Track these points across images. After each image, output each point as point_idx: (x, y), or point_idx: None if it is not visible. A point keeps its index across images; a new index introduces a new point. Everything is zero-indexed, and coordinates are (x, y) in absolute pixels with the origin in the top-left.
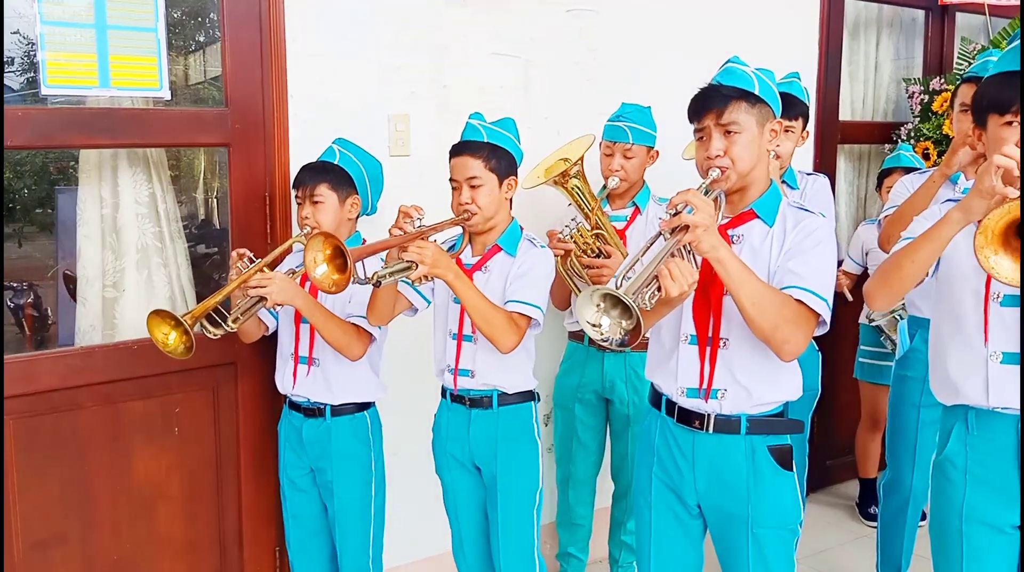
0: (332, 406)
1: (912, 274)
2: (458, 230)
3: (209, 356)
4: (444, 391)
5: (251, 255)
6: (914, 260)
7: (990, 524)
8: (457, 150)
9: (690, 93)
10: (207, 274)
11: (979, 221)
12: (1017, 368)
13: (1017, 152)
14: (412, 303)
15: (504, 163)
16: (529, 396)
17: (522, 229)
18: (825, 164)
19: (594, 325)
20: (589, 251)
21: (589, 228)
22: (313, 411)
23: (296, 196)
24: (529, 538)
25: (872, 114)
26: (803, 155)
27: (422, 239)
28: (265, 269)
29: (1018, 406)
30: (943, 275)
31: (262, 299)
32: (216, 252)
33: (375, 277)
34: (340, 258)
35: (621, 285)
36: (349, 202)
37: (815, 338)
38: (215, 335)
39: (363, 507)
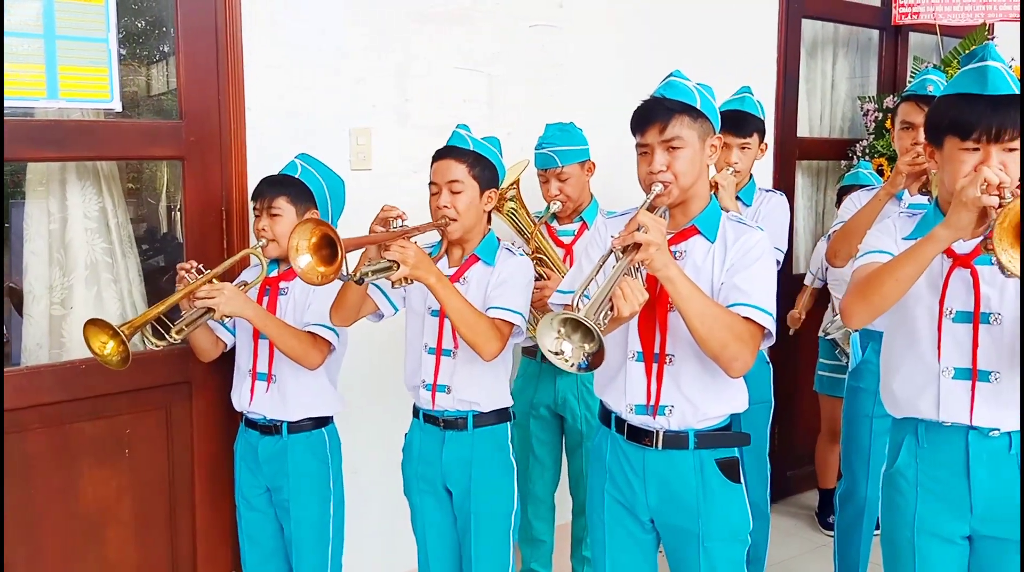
0: (289, 423)
1: (894, 292)
2: (435, 237)
3: (162, 375)
4: (416, 410)
5: (200, 266)
6: (897, 278)
7: (940, 535)
8: (441, 154)
9: None
10: (164, 289)
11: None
12: (968, 383)
13: (995, 173)
14: (379, 307)
15: (487, 174)
16: (505, 415)
17: (499, 239)
18: (784, 180)
19: (556, 353)
20: None
21: (529, 252)
22: (270, 428)
23: (254, 208)
24: (505, 561)
25: (829, 131)
26: (763, 171)
27: (404, 239)
28: (215, 281)
29: (967, 420)
30: None
31: (209, 310)
32: (173, 266)
33: (358, 273)
34: (327, 249)
35: (579, 308)
36: (307, 216)
37: (767, 351)
38: (157, 346)
39: (320, 527)
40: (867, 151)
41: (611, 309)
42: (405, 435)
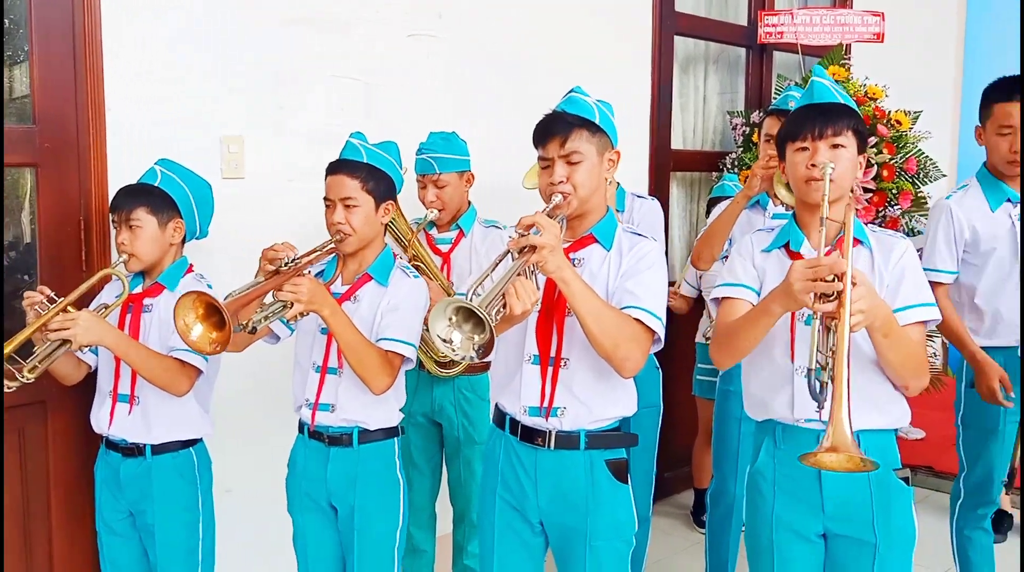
0: (153, 445)
1: (750, 346)
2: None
3: (14, 394)
4: (302, 426)
5: (51, 294)
6: (748, 338)
7: (797, 533)
8: (334, 168)
9: (529, 121)
10: (20, 308)
11: None
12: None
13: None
14: (274, 331)
15: (382, 186)
16: (392, 431)
17: (396, 257)
18: (659, 190)
19: (445, 340)
20: None
21: (408, 259)
22: (132, 450)
23: (113, 220)
24: None
25: (702, 144)
26: (639, 182)
27: (297, 275)
28: (70, 308)
29: (819, 419)
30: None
31: (65, 342)
32: (31, 281)
33: (250, 325)
34: (216, 315)
35: (472, 299)
36: (171, 226)
37: (655, 356)
38: (9, 388)
39: (188, 551)
40: (736, 163)
41: (503, 307)
42: (290, 451)
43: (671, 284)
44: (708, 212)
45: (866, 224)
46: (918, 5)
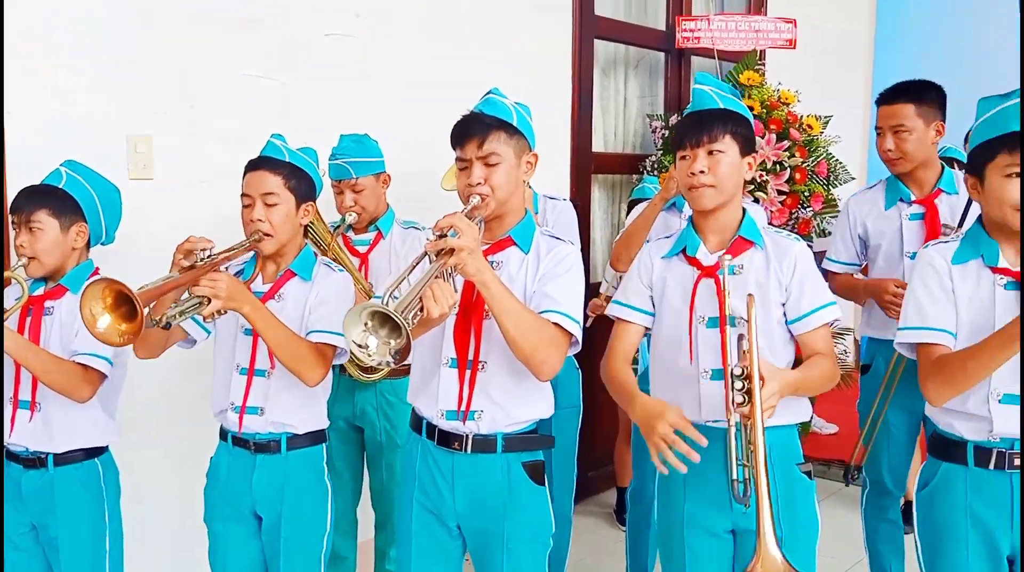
0: (55, 455)
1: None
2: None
3: None
4: (224, 433)
5: None
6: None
7: (707, 530)
8: (255, 164)
9: (448, 122)
10: None
11: None
12: (722, 383)
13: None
14: (189, 334)
15: (304, 186)
16: (320, 436)
17: (316, 254)
18: (581, 193)
19: (361, 345)
20: None
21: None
22: (34, 461)
23: (12, 222)
24: None
25: (623, 146)
26: (560, 184)
27: (215, 270)
28: None
29: (725, 419)
30: (657, 301)
31: None
32: None
33: (163, 319)
34: (126, 305)
35: (389, 303)
36: (74, 230)
37: (575, 357)
38: None
39: (95, 564)
40: (656, 166)
41: (421, 310)
42: (210, 459)
43: (597, 294)
44: (628, 213)
45: (777, 226)
46: (830, 12)
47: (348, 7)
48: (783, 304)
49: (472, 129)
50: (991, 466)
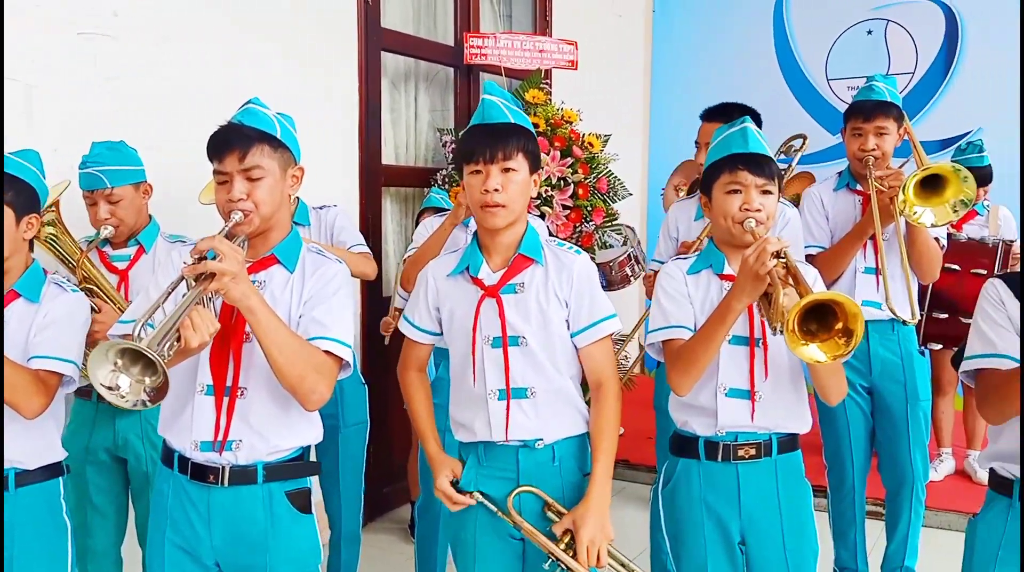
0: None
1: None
2: None
3: None
4: None
5: None
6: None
7: (496, 533)
8: None
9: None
10: None
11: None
12: (504, 403)
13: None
14: None
15: (23, 198)
16: (56, 470)
17: (46, 272)
18: (371, 206)
19: (111, 388)
20: None
21: (77, 282)
22: None
23: None
24: None
25: (415, 159)
26: (349, 197)
27: None
28: None
29: (504, 435)
30: (445, 321)
31: None
32: None
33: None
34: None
35: (141, 337)
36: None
37: (361, 372)
38: None
39: None
40: (447, 179)
41: (178, 340)
42: None
43: (399, 310)
44: (417, 222)
45: (564, 239)
46: (610, 35)
47: (105, 5)
48: (567, 319)
49: (232, 141)
50: (719, 459)
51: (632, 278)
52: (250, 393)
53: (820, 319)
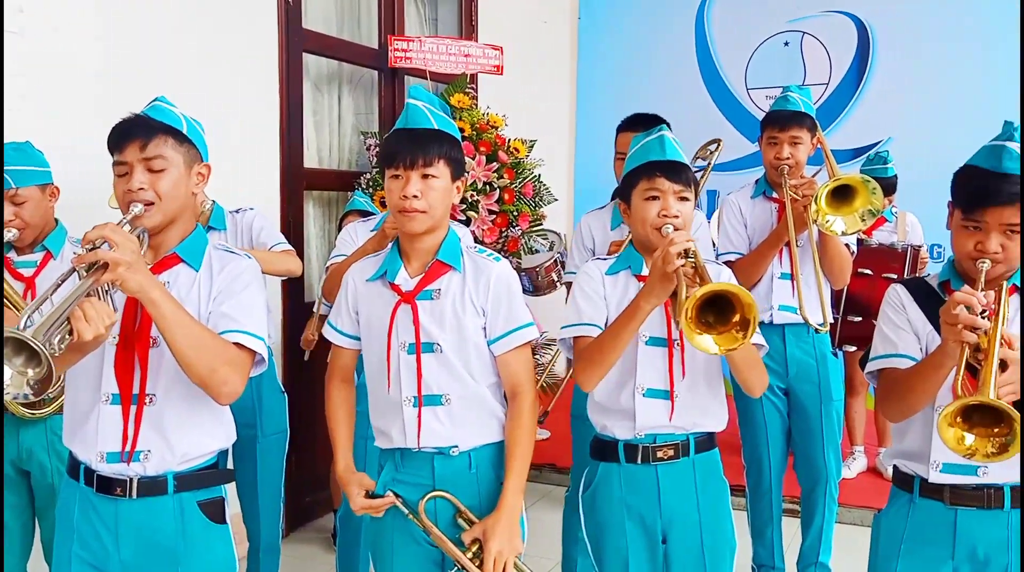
0: None
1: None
2: None
3: None
4: None
5: None
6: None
7: (412, 539)
8: None
9: None
10: None
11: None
12: (417, 410)
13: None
14: None
15: None
16: None
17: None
18: (292, 209)
19: None
20: None
21: None
22: None
23: None
24: None
25: (338, 163)
26: (270, 201)
27: None
28: None
29: (417, 443)
30: (363, 326)
31: None
32: None
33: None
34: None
35: (25, 327)
36: None
37: (281, 381)
38: None
39: None
40: (371, 183)
41: (71, 333)
42: None
43: (324, 316)
44: (340, 226)
45: (490, 243)
46: (535, 41)
47: (11, 0)
48: (484, 326)
49: (134, 131)
50: (639, 461)
51: (559, 283)
52: (159, 400)
53: (719, 313)
